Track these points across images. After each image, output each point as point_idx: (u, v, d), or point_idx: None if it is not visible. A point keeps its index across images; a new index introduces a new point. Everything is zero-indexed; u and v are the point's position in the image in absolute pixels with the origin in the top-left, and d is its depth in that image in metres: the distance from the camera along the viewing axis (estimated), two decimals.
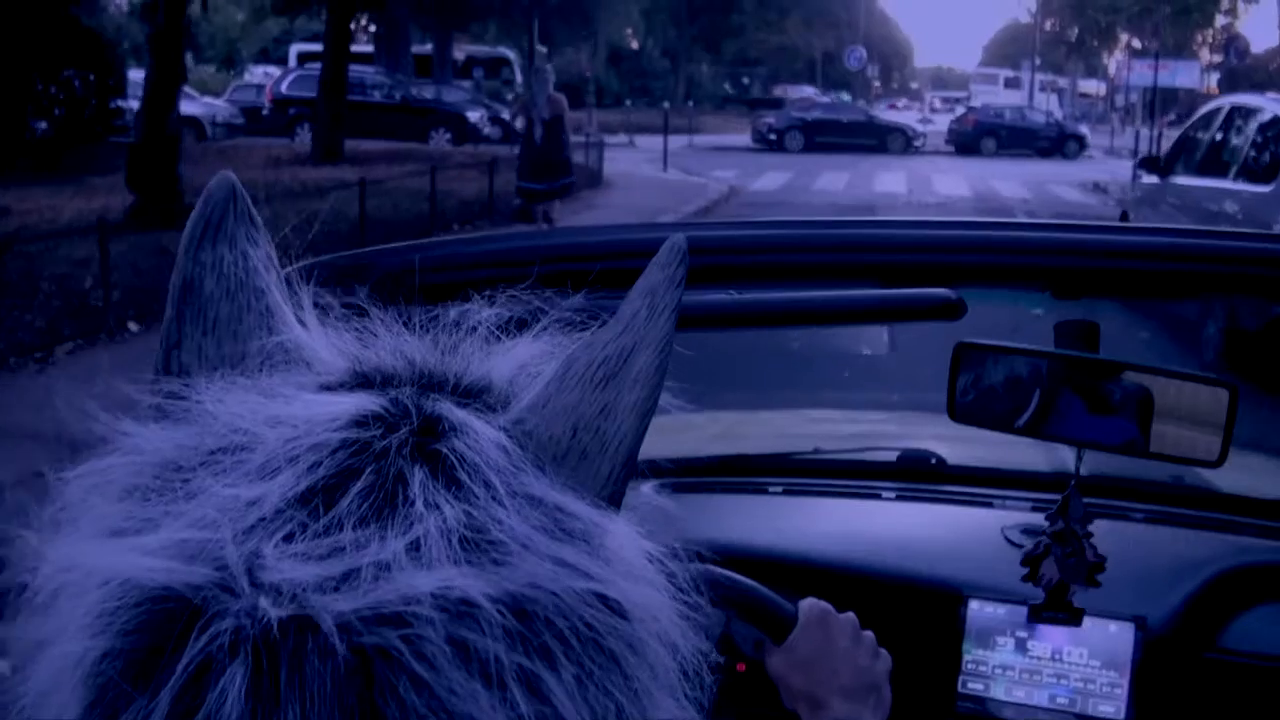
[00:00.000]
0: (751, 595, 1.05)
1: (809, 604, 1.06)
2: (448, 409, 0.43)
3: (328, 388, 0.45)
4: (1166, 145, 12.53)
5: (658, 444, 0.51)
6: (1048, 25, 56.63)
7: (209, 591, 0.36)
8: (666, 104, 35.04)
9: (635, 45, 55.97)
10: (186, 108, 25.08)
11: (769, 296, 1.30)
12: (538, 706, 0.36)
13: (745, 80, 61.52)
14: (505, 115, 29.61)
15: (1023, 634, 1.40)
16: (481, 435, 0.42)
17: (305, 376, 0.46)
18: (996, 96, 47.25)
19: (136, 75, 17.26)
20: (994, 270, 1.35)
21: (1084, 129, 34.68)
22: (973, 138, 32.03)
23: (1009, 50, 68.56)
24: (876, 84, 61.16)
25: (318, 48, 24.24)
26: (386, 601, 0.36)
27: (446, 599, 0.36)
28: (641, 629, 0.40)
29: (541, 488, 0.41)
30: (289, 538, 0.38)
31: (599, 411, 0.44)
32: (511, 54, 51.02)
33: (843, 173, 23.39)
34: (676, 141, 29.68)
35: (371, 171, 14.00)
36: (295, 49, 43.95)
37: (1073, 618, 1.33)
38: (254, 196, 0.52)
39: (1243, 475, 1.78)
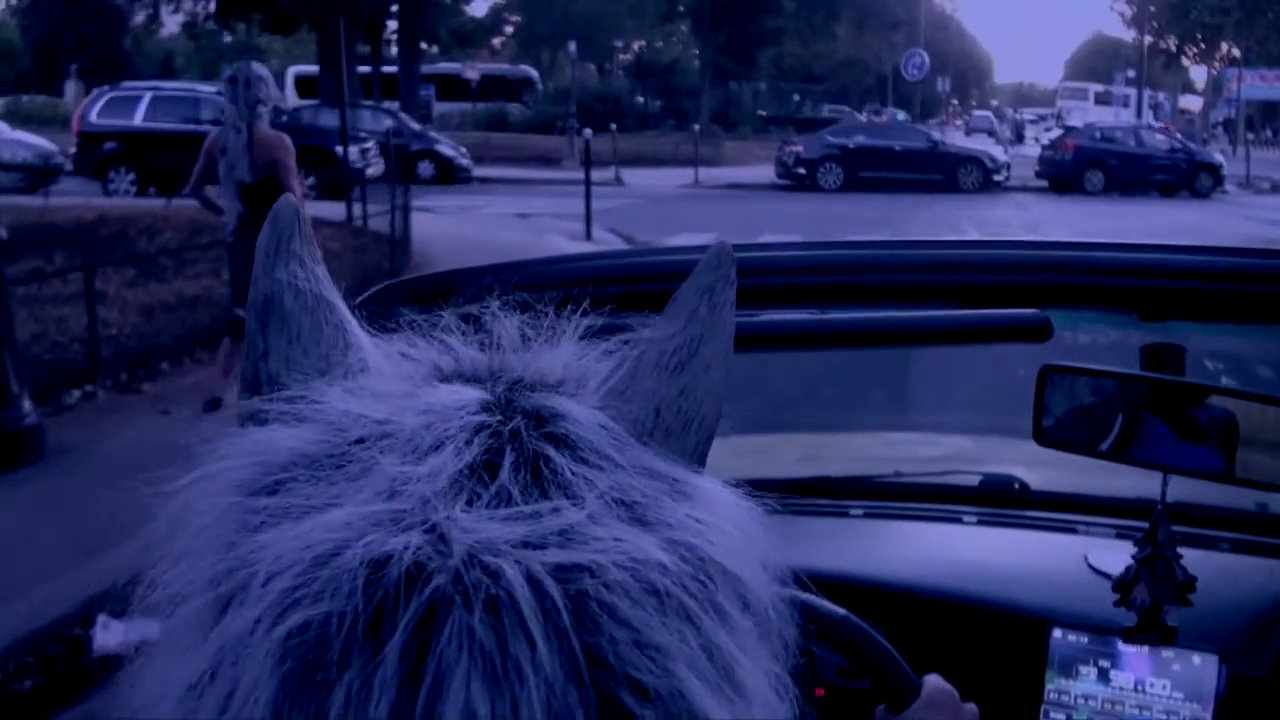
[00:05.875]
0: (881, 655, 1.24)
1: (935, 683, 1.24)
2: (544, 397, 0.55)
3: (425, 385, 0.56)
4: None
5: (739, 465, 0.65)
6: (1134, 36, 56.89)
7: (422, 552, 0.46)
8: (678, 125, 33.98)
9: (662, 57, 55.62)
10: None
11: (852, 317, 1.47)
12: (709, 639, 0.48)
13: (796, 97, 60.30)
14: (447, 149, 27.60)
15: (1105, 664, 1.60)
16: (583, 418, 0.54)
17: (391, 381, 0.57)
18: (1088, 114, 45.89)
19: None
20: (1080, 291, 1.51)
21: (1219, 157, 30.27)
22: (1073, 169, 27.88)
23: (1094, 64, 69.23)
24: (954, 102, 60.65)
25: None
26: (581, 556, 0.47)
27: (629, 553, 0.47)
28: (746, 587, 0.52)
29: (650, 459, 0.53)
30: (470, 504, 0.48)
31: (678, 394, 0.57)
32: (535, 73, 51.16)
33: (882, 228, 18.99)
34: (680, 177, 28.28)
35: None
36: (294, 71, 44.18)
37: (1166, 637, 1.52)
38: None
39: None
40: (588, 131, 19.23)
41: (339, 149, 19.80)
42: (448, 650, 0.44)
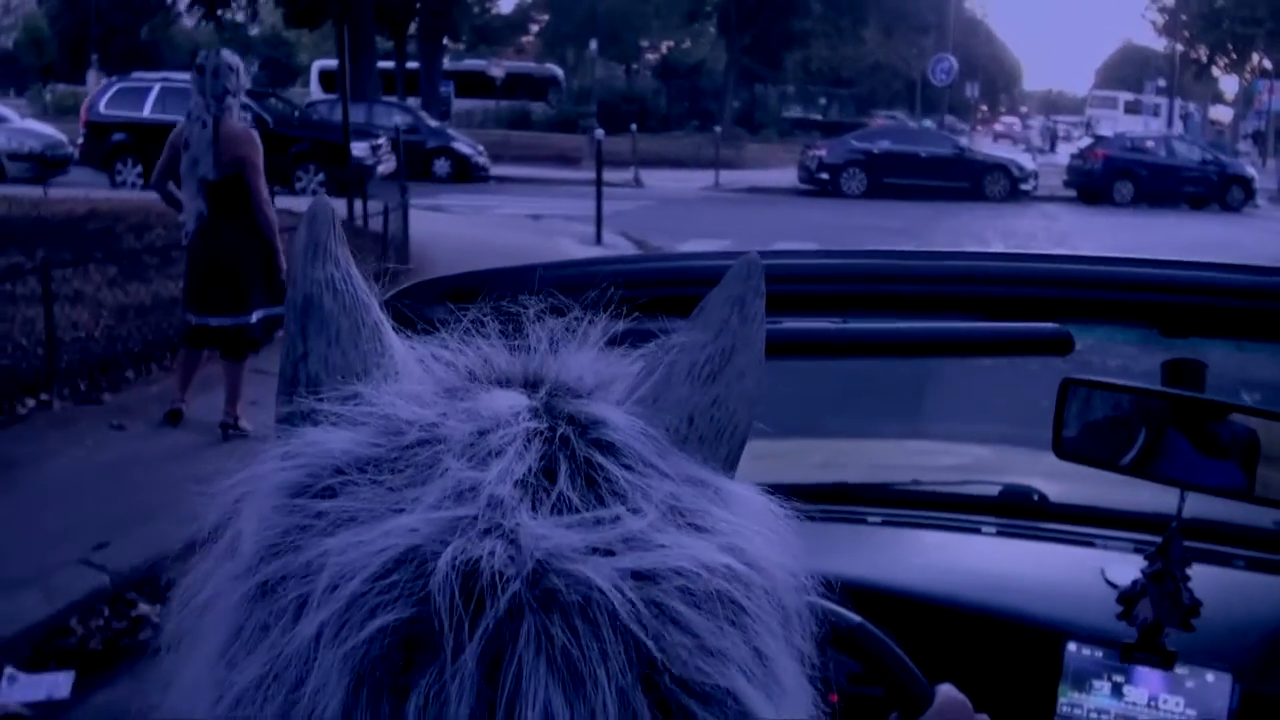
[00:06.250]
0: (895, 663, 1.26)
1: (948, 693, 1.26)
2: (584, 403, 0.56)
3: (467, 389, 0.57)
4: None
5: (757, 469, 0.65)
6: (1166, 44, 56.74)
7: (496, 557, 0.47)
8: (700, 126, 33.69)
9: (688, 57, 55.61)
10: None
11: (874, 326, 1.50)
12: (756, 643, 0.50)
13: (822, 101, 59.97)
14: (464, 147, 27.50)
15: (1119, 678, 1.61)
16: (624, 425, 0.54)
17: (432, 384, 0.57)
18: (1117, 123, 45.84)
19: None
20: (1102, 306, 1.52)
21: (1251, 169, 29.93)
22: (1102, 179, 27.49)
23: (1124, 72, 69.06)
24: (984, 108, 60.39)
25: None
26: (649, 562, 0.48)
27: (690, 559, 0.49)
28: (783, 592, 0.53)
29: (691, 466, 0.55)
30: (534, 510, 0.49)
31: (711, 403, 0.58)
32: (560, 71, 51.07)
33: (904, 238, 18.32)
34: (700, 179, 28.05)
35: None
36: (318, 66, 44.16)
37: (1164, 660, 1.55)
38: None
39: None
40: (599, 131, 19.00)
41: (350, 145, 19.94)
42: (525, 654, 0.45)
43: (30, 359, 7.90)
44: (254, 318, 6.90)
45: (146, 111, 21.30)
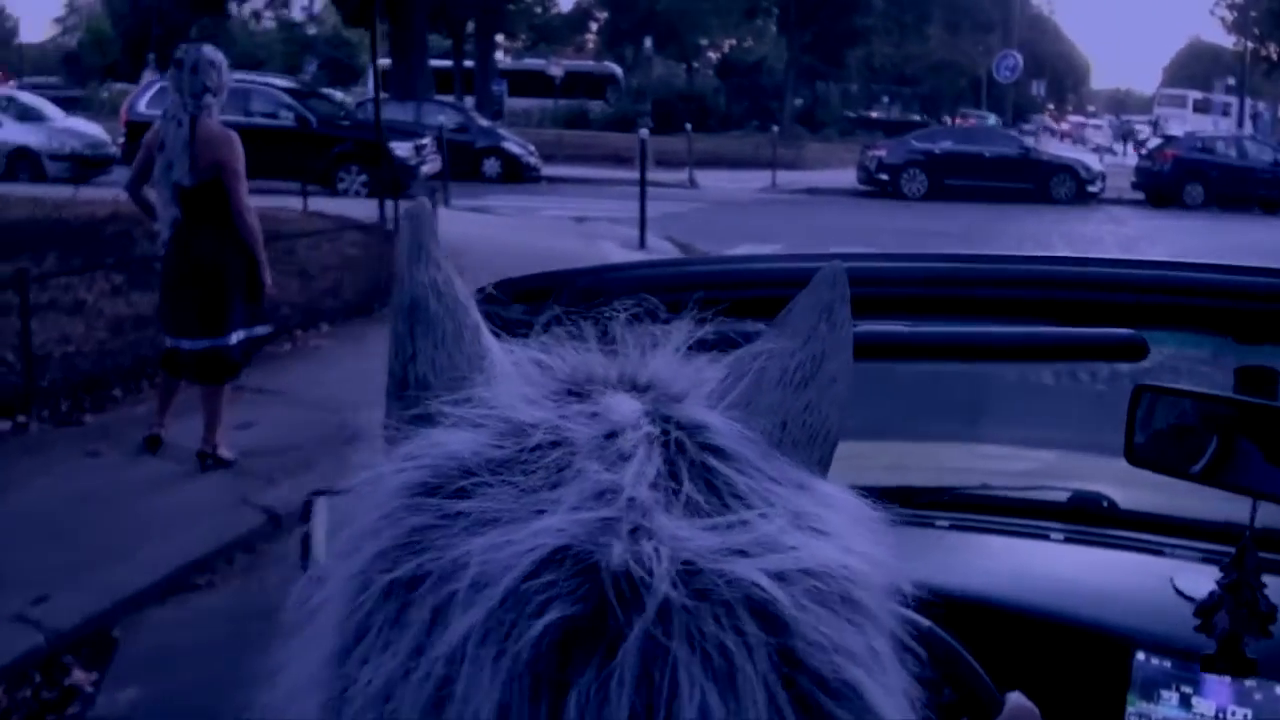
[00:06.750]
0: (965, 670, 1.28)
1: (1018, 701, 1.25)
2: (685, 408, 0.57)
3: (574, 392, 0.58)
4: None
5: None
6: (1235, 41, 55.89)
7: (645, 558, 0.48)
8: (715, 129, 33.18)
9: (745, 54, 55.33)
10: (17, 135, 21.98)
11: (949, 330, 1.52)
12: (872, 642, 0.51)
13: (885, 100, 59.52)
14: (514, 146, 27.48)
15: (1188, 689, 1.61)
16: (726, 430, 0.55)
17: (529, 387, 0.58)
18: (1185, 122, 45.07)
19: None
20: (1176, 312, 1.54)
21: None
22: (1171, 181, 26.60)
23: (1193, 71, 68.11)
24: (1051, 107, 59.68)
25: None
26: (786, 563, 0.49)
27: (820, 560, 0.50)
28: (884, 592, 0.55)
29: (794, 470, 0.56)
30: (668, 513, 0.50)
31: (803, 408, 0.60)
32: (619, 70, 51.04)
33: (963, 242, 18.03)
34: (757, 179, 27.81)
35: None
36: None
37: (1245, 669, 1.53)
38: None
39: None
40: (644, 131, 18.63)
41: (392, 145, 19.61)
42: (681, 652, 0.46)
43: (13, 375, 7.36)
44: (233, 339, 6.34)
45: None
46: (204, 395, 6.44)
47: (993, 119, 41.77)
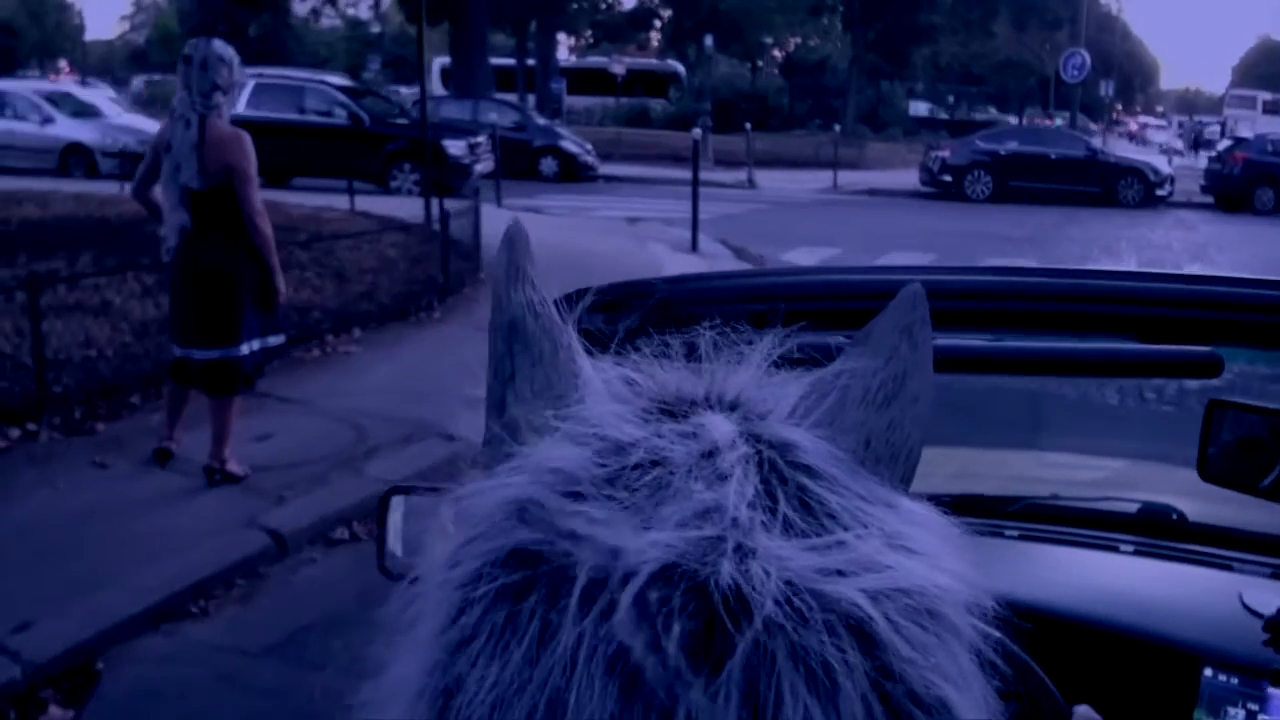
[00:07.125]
0: (1033, 682, 1.30)
1: (1086, 714, 1.27)
2: (772, 426, 0.58)
3: (666, 410, 0.59)
4: None
5: None
6: None
7: (750, 577, 0.49)
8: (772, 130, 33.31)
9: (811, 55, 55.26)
10: (71, 130, 22.62)
11: (1026, 345, 1.52)
12: (959, 658, 0.53)
13: (951, 99, 59.17)
14: (571, 145, 27.31)
15: (1254, 706, 1.61)
16: (814, 448, 0.56)
17: (621, 405, 0.59)
18: (1255, 123, 44.00)
19: None
20: (1251, 329, 1.53)
21: None
22: (1241, 184, 25.71)
23: (1263, 70, 67.17)
24: (1119, 107, 59.17)
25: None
26: (883, 582, 0.50)
27: (913, 579, 0.52)
28: (971, 613, 0.55)
29: (880, 489, 0.57)
30: (767, 532, 0.51)
31: (886, 426, 0.61)
32: (681, 68, 51.18)
33: (1027, 247, 17.25)
34: (818, 180, 27.61)
35: None
36: (439, 63, 44.79)
37: None
38: None
39: None
40: (697, 131, 18.39)
41: (446, 143, 20.11)
42: (785, 668, 0.47)
43: (26, 380, 7.11)
44: (244, 349, 6.09)
45: (241, 108, 21.43)
46: (213, 407, 6.24)
47: (1060, 121, 41.13)
